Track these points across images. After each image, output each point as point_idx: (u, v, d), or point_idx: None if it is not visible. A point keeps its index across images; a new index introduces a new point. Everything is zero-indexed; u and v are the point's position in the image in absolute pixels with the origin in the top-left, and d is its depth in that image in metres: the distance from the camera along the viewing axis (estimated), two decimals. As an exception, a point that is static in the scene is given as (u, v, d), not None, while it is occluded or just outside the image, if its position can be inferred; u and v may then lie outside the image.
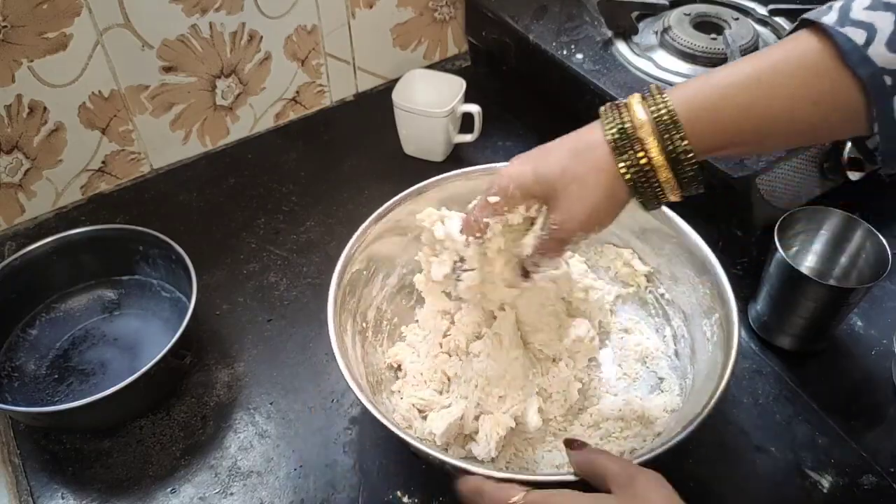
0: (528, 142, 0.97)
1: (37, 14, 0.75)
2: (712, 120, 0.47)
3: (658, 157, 0.47)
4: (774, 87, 0.45)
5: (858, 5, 0.44)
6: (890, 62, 0.42)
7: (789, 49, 0.46)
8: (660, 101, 0.47)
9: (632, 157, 0.48)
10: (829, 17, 0.44)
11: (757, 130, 0.47)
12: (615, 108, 0.49)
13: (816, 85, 0.45)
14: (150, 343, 0.73)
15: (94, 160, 0.89)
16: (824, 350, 0.73)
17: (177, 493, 0.64)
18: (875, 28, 0.42)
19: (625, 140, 0.48)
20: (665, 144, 0.47)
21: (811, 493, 0.63)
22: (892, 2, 0.43)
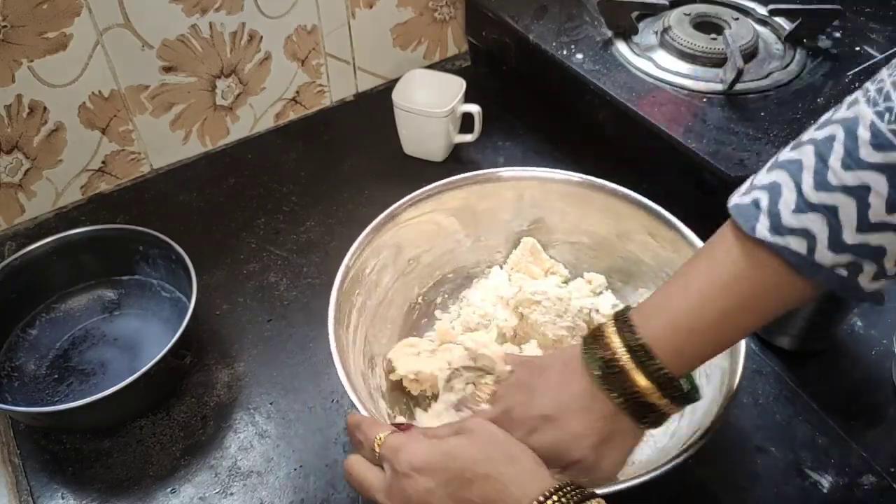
0: (528, 142, 0.97)
1: (37, 14, 0.75)
2: (684, 354, 0.49)
3: (645, 384, 0.49)
4: (736, 313, 0.48)
5: (786, 209, 0.44)
6: (836, 260, 0.44)
7: (738, 267, 0.47)
8: (631, 337, 0.49)
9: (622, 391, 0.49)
10: (761, 224, 0.45)
11: (721, 349, 0.51)
12: (591, 344, 0.51)
13: (776, 296, 0.47)
14: (150, 343, 0.73)
15: (94, 160, 0.89)
16: (824, 350, 0.73)
17: (177, 493, 0.64)
18: (812, 234, 0.44)
19: (610, 375, 0.49)
20: (649, 371, 0.48)
21: (811, 493, 0.63)
22: (816, 202, 0.44)
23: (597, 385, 0.50)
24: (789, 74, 0.83)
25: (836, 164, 0.43)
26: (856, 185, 0.42)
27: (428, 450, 0.46)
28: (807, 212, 0.44)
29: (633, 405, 0.49)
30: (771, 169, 0.47)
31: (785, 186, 0.45)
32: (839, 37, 0.88)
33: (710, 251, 0.49)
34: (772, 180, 0.46)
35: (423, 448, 0.46)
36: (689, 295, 0.49)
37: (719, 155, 0.72)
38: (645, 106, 0.79)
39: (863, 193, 0.42)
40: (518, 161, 0.94)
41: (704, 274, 0.49)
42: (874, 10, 0.91)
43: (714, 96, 0.80)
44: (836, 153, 0.43)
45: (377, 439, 0.48)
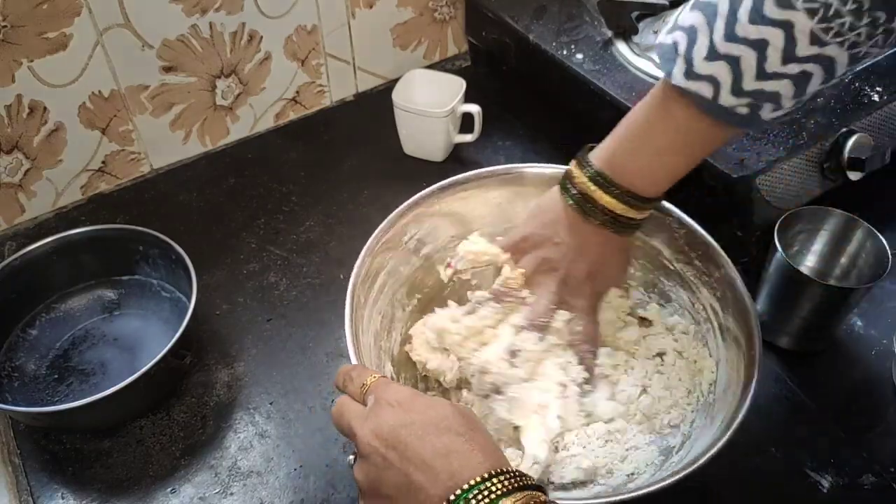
0: (528, 142, 0.97)
1: (37, 14, 0.75)
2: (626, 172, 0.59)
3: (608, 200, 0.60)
4: (660, 142, 0.57)
5: (699, 56, 0.51)
6: (737, 102, 0.52)
7: (658, 111, 0.56)
8: (589, 173, 0.61)
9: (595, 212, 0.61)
10: (678, 69, 0.52)
11: (664, 170, 0.59)
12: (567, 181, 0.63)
13: (687, 134, 0.56)
14: (150, 343, 0.73)
15: (94, 160, 0.89)
16: (824, 350, 0.73)
17: (177, 493, 0.64)
18: (718, 81, 0.51)
19: (586, 203, 0.61)
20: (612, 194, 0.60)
21: (811, 493, 0.63)
22: (723, 52, 0.50)
23: (579, 213, 0.61)
24: (789, 74, 0.82)
25: (744, 16, 0.49)
26: (757, 38, 0.49)
27: (416, 392, 0.47)
28: (715, 60, 0.50)
29: (611, 220, 0.60)
30: (693, 7, 0.52)
31: (700, 32, 0.51)
32: (839, 37, 0.87)
33: (646, 98, 0.57)
34: (690, 23, 0.52)
35: (411, 389, 0.47)
36: (623, 134, 0.59)
37: (719, 155, 0.72)
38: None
39: (763, 46, 0.49)
40: (518, 161, 0.94)
41: (636, 118, 0.58)
42: (874, 10, 0.91)
43: (714, 96, 0.80)
44: (745, 6, 0.49)
45: (370, 376, 0.49)
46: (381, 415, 0.45)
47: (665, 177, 0.59)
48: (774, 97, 0.51)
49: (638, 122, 0.58)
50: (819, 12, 0.47)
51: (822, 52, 0.48)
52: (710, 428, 0.57)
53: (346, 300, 0.61)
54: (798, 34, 0.48)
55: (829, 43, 0.48)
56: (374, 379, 0.49)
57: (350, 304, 0.61)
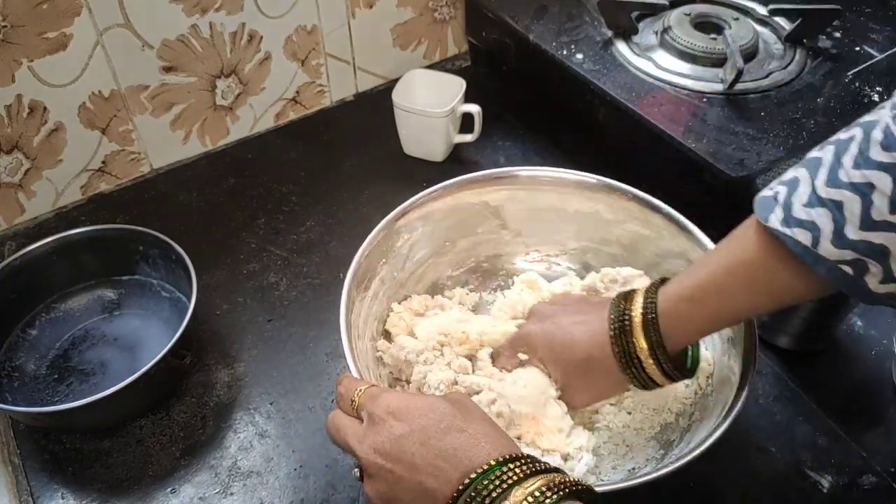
0: (528, 142, 0.97)
1: (37, 14, 0.75)
2: (684, 322, 0.55)
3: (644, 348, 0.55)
4: (737, 293, 0.52)
5: (798, 202, 0.47)
6: (840, 256, 0.46)
7: (747, 252, 0.51)
8: (648, 301, 0.56)
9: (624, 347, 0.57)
10: (774, 215, 0.48)
11: (721, 325, 0.57)
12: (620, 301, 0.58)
13: (776, 284, 0.51)
14: (150, 343, 0.73)
15: (94, 160, 0.89)
16: (824, 350, 0.73)
17: (177, 493, 0.64)
18: (818, 227, 0.46)
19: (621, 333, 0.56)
20: (649, 337, 0.55)
21: (811, 493, 0.63)
22: (824, 196, 0.46)
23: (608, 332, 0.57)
24: (789, 74, 0.83)
25: (848, 162, 0.45)
26: (862, 182, 0.44)
27: (406, 398, 0.46)
28: (815, 206, 0.46)
29: (628, 360, 0.56)
30: (797, 167, 0.50)
31: (802, 181, 0.48)
32: (839, 37, 0.88)
33: (731, 238, 0.54)
34: (793, 176, 0.49)
35: (401, 396, 0.47)
36: (700, 269, 0.54)
37: (719, 155, 0.72)
38: (645, 106, 0.79)
39: (867, 191, 0.44)
40: (518, 161, 0.94)
41: (718, 254, 0.54)
42: (874, 10, 0.91)
43: (714, 96, 0.80)
44: (850, 153, 0.46)
45: (357, 391, 0.49)
46: (379, 430, 0.45)
47: (718, 319, 0.55)
48: (882, 255, 0.45)
49: (717, 264, 0.53)
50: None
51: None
52: (709, 420, 0.57)
53: (341, 305, 0.60)
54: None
55: None
56: (360, 392, 0.48)
57: (345, 304, 0.61)
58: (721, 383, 0.60)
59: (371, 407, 0.46)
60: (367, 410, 0.47)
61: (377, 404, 0.46)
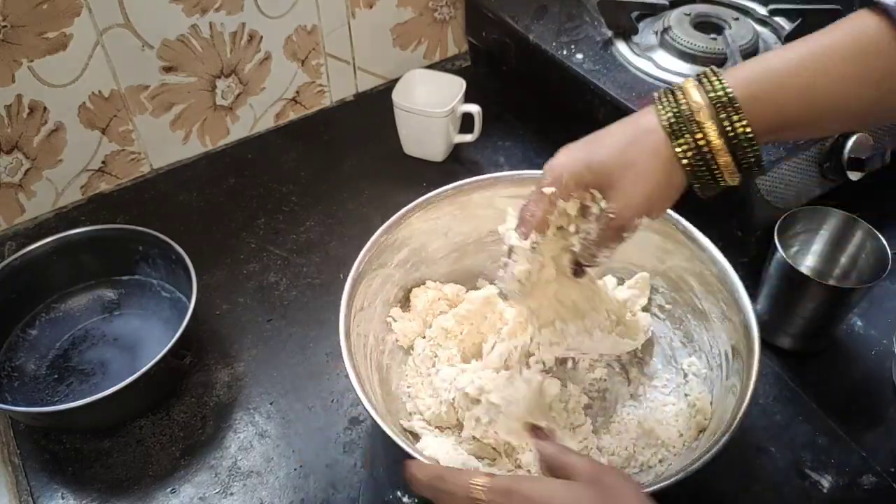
0: (528, 142, 0.97)
1: (37, 14, 0.75)
2: (771, 101, 0.46)
3: (716, 141, 0.46)
4: (833, 69, 0.44)
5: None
6: None
7: (847, 30, 0.45)
8: (717, 84, 0.46)
9: (689, 141, 0.46)
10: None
11: (815, 113, 0.46)
12: (670, 93, 0.48)
13: (878, 66, 0.44)
14: (150, 343, 0.73)
15: (94, 160, 0.89)
16: (824, 350, 0.73)
17: (177, 493, 0.64)
18: None
19: (682, 124, 0.47)
20: (723, 127, 0.46)
21: (811, 493, 0.63)
22: None
23: (665, 132, 0.47)
24: (789, 74, 0.82)
25: None
26: None
27: (547, 492, 0.41)
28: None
29: (696, 159, 0.47)
30: None
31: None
32: (839, 37, 0.87)
33: (823, 31, 0.47)
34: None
35: (541, 488, 0.42)
36: (789, 51, 0.46)
37: (719, 155, 0.72)
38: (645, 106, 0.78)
39: None
40: (518, 161, 0.94)
41: (811, 37, 0.47)
42: (874, 10, 0.91)
43: (714, 96, 0.80)
44: None
45: (474, 486, 0.43)
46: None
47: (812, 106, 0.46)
48: None
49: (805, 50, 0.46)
50: None
51: None
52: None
53: (340, 319, 0.60)
54: None
55: None
56: (482, 488, 0.43)
57: (345, 309, 0.60)
58: (713, 433, 0.59)
59: (508, 501, 0.42)
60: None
61: (514, 500, 0.41)
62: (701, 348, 0.66)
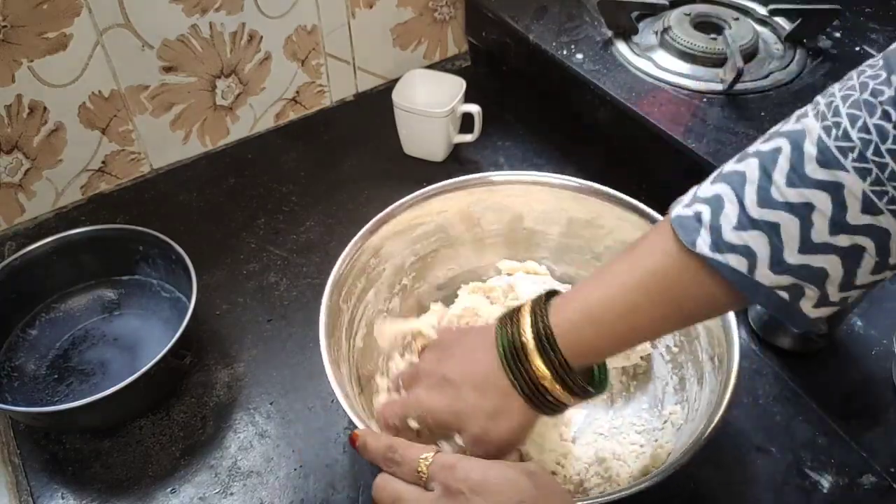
0: (528, 142, 0.97)
1: (37, 14, 0.75)
2: (587, 344, 0.48)
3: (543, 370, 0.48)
4: (652, 311, 0.46)
5: (727, 225, 0.43)
6: (777, 282, 0.43)
7: (666, 270, 0.46)
8: (539, 321, 0.48)
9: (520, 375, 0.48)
10: (702, 239, 0.43)
11: (629, 345, 0.50)
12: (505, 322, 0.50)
13: (696, 303, 0.46)
14: (150, 343, 0.73)
15: (94, 160, 0.89)
16: (824, 350, 0.73)
17: (177, 493, 0.64)
18: (753, 252, 0.42)
19: (513, 357, 0.49)
20: (547, 358, 0.48)
21: (811, 493, 0.63)
22: (757, 218, 0.42)
23: (499, 362, 0.49)
24: (789, 74, 0.83)
25: (780, 179, 0.42)
26: (799, 202, 0.41)
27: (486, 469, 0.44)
28: (749, 229, 0.42)
29: (529, 388, 0.48)
30: (715, 181, 0.45)
31: (727, 200, 0.43)
32: (839, 37, 0.88)
33: (644, 249, 0.47)
34: (714, 193, 0.44)
35: (479, 467, 0.44)
36: (609, 284, 0.48)
37: (719, 155, 0.72)
38: (645, 106, 0.79)
39: (806, 212, 0.41)
40: (518, 161, 0.94)
41: (629, 267, 0.47)
42: (874, 10, 0.91)
43: (714, 96, 0.80)
44: (780, 168, 0.42)
45: (422, 459, 0.46)
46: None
47: (613, 343, 0.49)
48: (821, 279, 0.42)
49: (637, 284, 0.47)
50: (872, 173, 0.39)
51: (874, 223, 0.40)
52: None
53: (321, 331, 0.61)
54: (848, 197, 0.40)
55: (882, 211, 0.39)
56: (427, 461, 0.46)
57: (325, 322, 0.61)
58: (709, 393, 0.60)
59: (446, 478, 0.44)
60: (441, 481, 0.44)
61: (454, 476, 0.44)
62: (688, 399, 0.64)
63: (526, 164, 0.93)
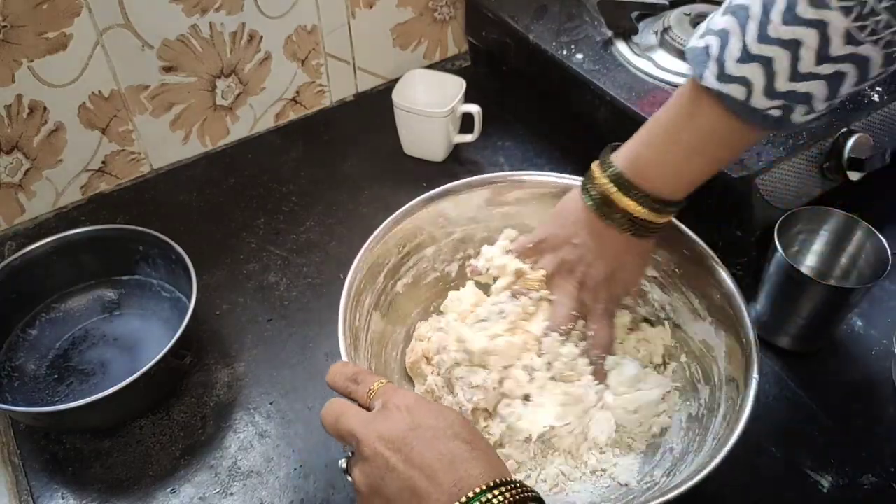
0: (528, 142, 0.97)
1: (37, 14, 0.75)
2: (650, 174, 0.59)
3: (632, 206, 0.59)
4: (686, 144, 0.56)
5: (730, 59, 0.51)
6: (770, 104, 0.51)
7: (688, 113, 0.55)
8: (607, 168, 0.60)
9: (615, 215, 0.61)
10: (709, 71, 0.52)
11: (679, 174, 0.59)
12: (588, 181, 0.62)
13: (718, 138, 0.55)
14: (150, 343, 0.73)
15: (94, 160, 0.89)
16: (824, 350, 0.73)
17: (177, 493, 0.64)
18: (750, 82, 0.50)
19: (604, 206, 0.61)
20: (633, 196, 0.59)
21: (811, 493, 0.63)
22: (756, 53, 0.49)
23: (598, 216, 0.61)
24: (789, 74, 0.82)
25: (776, 17, 0.48)
26: (791, 38, 0.48)
27: (422, 399, 0.47)
28: (748, 62, 0.50)
29: (629, 223, 0.60)
30: (725, 12, 0.52)
31: (732, 34, 0.51)
32: (839, 37, 0.87)
33: (671, 99, 0.57)
34: (722, 26, 0.51)
35: (419, 396, 0.48)
36: (647, 136, 0.58)
37: (719, 155, 0.72)
38: (645, 106, 0.79)
39: (796, 46, 0.48)
40: (518, 161, 0.94)
41: (661, 119, 0.57)
42: (874, 10, 0.91)
43: (714, 96, 0.80)
44: (777, 7, 0.48)
45: (377, 382, 0.49)
46: (390, 418, 0.45)
47: (688, 180, 0.59)
48: (807, 98, 0.50)
49: (663, 124, 0.57)
50: (854, 10, 0.46)
51: (856, 52, 0.48)
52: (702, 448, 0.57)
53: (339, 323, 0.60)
54: (832, 33, 0.47)
55: (863, 42, 0.47)
56: (381, 384, 0.49)
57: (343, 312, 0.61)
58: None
59: (389, 397, 0.47)
60: (384, 400, 0.47)
61: (395, 396, 0.47)
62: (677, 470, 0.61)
63: (526, 164, 0.93)
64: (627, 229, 0.60)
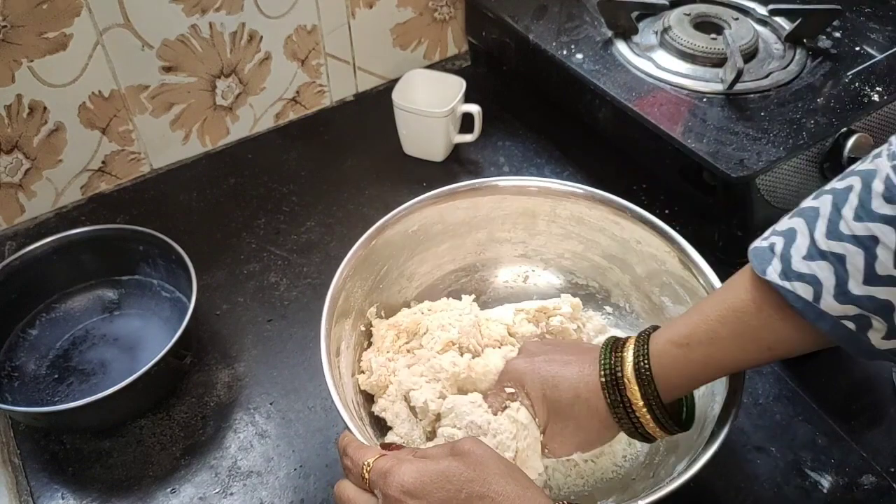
0: (528, 142, 0.97)
1: (37, 14, 0.75)
2: (677, 371, 0.52)
3: (639, 403, 0.53)
4: (729, 342, 0.50)
5: (797, 255, 0.46)
6: (843, 311, 0.44)
7: (741, 302, 0.49)
8: (640, 356, 0.53)
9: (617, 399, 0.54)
10: (773, 267, 0.47)
11: (713, 375, 0.54)
12: (610, 352, 0.56)
13: (770, 336, 0.49)
14: (150, 343, 0.73)
15: (94, 160, 0.89)
16: (824, 350, 0.73)
17: (177, 493, 0.64)
18: (819, 281, 0.45)
19: (613, 384, 0.54)
20: (644, 387, 0.53)
21: (811, 493, 0.63)
22: (825, 249, 0.44)
23: (600, 378, 0.55)
24: (789, 74, 0.83)
25: (848, 213, 0.44)
26: (865, 235, 0.43)
27: (419, 471, 0.45)
28: (816, 259, 0.45)
29: (622, 408, 0.54)
30: (791, 216, 0.48)
31: (800, 233, 0.46)
32: (839, 37, 0.88)
33: (726, 285, 0.52)
34: (789, 226, 0.47)
35: (413, 470, 0.45)
36: (693, 316, 0.52)
37: (719, 155, 0.72)
38: (645, 106, 0.79)
39: (871, 244, 0.43)
40: (518, 161, 0.94)
41: (712, 301, 0.52)
42: (874, 10, 0.91)
43: (714, 96, 0.80)
44: (850, 203, 0.44)
45: (365, 465, 0.47)
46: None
47: (713, 371, 0.53)
48: (886, 310, 0.43)
49: (708, 306, 0.52)
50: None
51: None
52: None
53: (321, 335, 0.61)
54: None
55: None
56: (369, 467, 0.47)
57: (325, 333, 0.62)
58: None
59: (384, 486, 0.45)
60: (381, 490, 0.45)
61: (390, 483, 0.45)
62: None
63: (526, 164, 0.93)
64: (622, 420, 0.54)
